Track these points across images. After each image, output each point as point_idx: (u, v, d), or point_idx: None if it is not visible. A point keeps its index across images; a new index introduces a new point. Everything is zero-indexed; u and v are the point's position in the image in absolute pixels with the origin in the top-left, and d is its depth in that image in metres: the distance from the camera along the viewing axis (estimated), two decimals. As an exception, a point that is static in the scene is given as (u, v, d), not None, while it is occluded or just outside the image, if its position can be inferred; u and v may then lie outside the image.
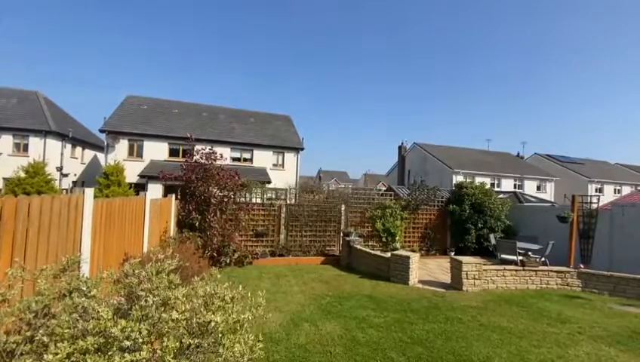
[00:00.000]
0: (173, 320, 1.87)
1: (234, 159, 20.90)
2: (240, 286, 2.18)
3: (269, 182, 18.38)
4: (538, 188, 31.26)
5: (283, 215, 9.86)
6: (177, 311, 2.03)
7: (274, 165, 21.89)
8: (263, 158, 21.54)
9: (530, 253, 7.94)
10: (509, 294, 6.66)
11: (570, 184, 30.73)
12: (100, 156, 22.69)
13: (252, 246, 9.52)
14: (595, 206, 8.67)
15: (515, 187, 29.19)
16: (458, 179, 25.82)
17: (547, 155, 36.93)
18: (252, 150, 21.50)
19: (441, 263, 9.52)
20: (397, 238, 10.51)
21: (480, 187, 11.71)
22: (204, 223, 8.18)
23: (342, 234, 9.84)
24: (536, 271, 7.32)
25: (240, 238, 9.32)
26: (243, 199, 9.53)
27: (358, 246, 9.04)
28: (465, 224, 11.07)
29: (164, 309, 1.97)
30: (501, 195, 13.48)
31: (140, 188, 15.58)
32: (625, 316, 5.51)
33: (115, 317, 1.80)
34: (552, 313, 5.52)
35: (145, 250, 5.14)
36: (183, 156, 16.52)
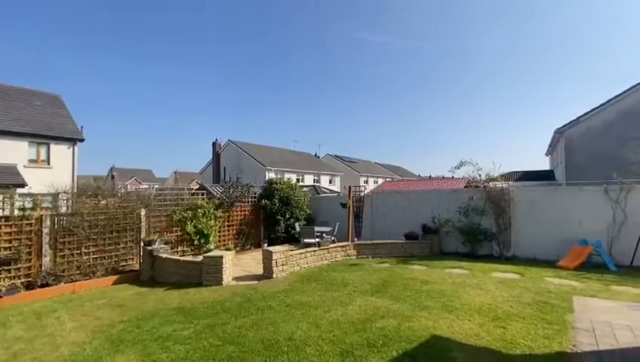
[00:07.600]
0: None
1: (-50, 152, 13.44)
2: None
3: (23, 185, 13.03)
4: (330, 181, 38.96)
5: (46, 230, 7.14)
6: None
7: (32, 161, 15.71)
8: (10, 152, 14.92)
9: (324, 235, 9.59)
10: (310, 272, 7.74)
11: (350, 178, 40.10)
12: None
13: (-12, 281, 6.38)
14: (362, 194, 11.58)
15: (314, 181, 34.98)
16: (270, 175, 28.08)
17: (335, 155, 46.72)
18: (-12, 139, 14.55)
19: (255, 256, 9.89)
20: (211, 239, 10.02)
21: (287, 182, 13.08)
22: None
23: (142, 244, 8.31)
24: (328, 248, 8.92)
25: (-41, 274, 6.02)
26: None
27: (164, 255, 7.92)
28: (275, 216, 12.05)
29: None
30: (304, 188, 15.70)
31: None
32: (380, 271, 7.60)
33: None
34: (338, 280, 6.84)
35: None
36: None
